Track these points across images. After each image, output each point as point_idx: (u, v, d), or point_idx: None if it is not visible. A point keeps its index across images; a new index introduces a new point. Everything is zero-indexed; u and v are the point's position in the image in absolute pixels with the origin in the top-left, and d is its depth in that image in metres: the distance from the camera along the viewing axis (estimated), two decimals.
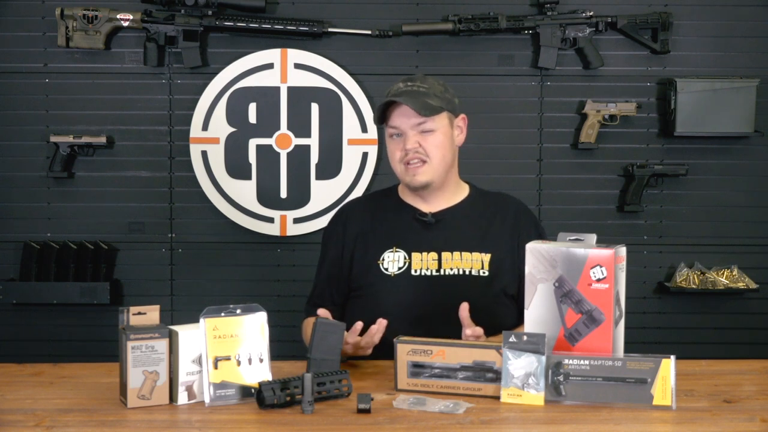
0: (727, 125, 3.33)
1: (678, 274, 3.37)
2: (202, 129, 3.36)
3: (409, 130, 2.10)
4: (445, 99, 2.12)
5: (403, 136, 2.11)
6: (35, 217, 3.39)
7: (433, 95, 2.10)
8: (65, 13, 3.25)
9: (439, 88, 2.13)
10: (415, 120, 2.08)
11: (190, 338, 1.64)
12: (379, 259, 2.13)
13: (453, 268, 2.11)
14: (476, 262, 2.11)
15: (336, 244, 2.21)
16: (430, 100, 2.08)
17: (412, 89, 2.10)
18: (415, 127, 2.09)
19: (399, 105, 2.09)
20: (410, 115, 2.08)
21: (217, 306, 1.67)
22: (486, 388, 1.67)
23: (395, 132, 2.12)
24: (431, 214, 2.16)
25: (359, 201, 2.37)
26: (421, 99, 2.08)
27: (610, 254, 1.65)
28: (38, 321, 3.38)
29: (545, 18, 3.31)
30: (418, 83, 2.11)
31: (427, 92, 2.09)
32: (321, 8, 3.35)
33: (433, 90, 2.11)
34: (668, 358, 1.59)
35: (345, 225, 2.22)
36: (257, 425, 1.55)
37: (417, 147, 2.09)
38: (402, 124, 2.10)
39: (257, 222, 3.39)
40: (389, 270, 2.12)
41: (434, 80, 2.15)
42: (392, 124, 2.12)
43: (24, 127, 3.37)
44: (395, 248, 2.13)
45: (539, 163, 3.42)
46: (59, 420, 1.55)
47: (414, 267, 2.11)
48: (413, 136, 2.10)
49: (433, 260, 2.11)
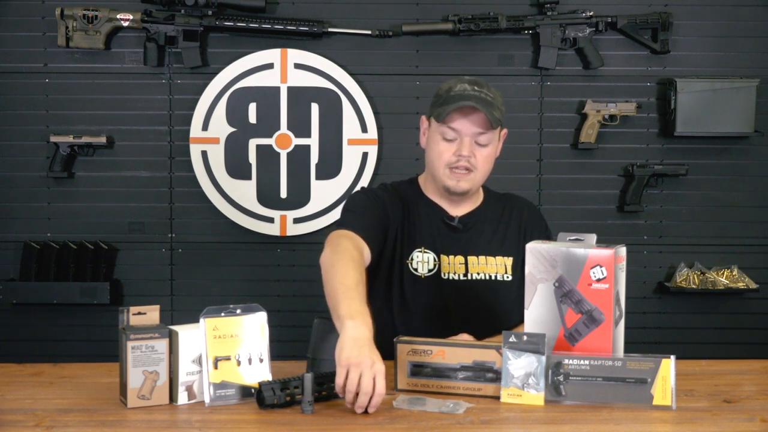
0: (727, 125, 3.33)
1: (678, 274, 3.37)
2: (202, 129, 3.36)
3: (468, 137, 2.00)
4: (502, 111, 2.05)
5: (459, 140, 2.01)
6: (35, 217, 3.39)
7: (497, 107, 2.02)
8: (65, 13, 3.25)
9: (500, 99, 2.05)
10: (479, 129, 2.00)
11: (190, 338, 1.64)
12: (408, 258, 2.06)
13: (480, 272, 2.07)
14: (500, 267, 2.09)
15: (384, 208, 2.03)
16: (495, 112, 2.00)
17: (480, 95, 1.99)
18: (475, 136, 2.01)
19: (470, 108, 1.98)
20: (476, 122, 1.99)
21: (217, 306, 1.67)
22: (486, 388, 1.67)
23: (452, 135, 2.02)
24: (458, 218, 2.10)
25: (388, 189, 2.14)
26: (491, 110, 1.99)
27: (610, 254, 1.65)
28: (38, 321, 3.38)
29: (545, 18, 3.31)
30: (485, 90, 2.01)
31: (493, 102, 2.01)
32: (321, 8, 3.35)
33: (497, 101, 2.03)
34: (668, 358, 1.59)
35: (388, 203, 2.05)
36: (257, 425, 1.55)
37: (470, 155, 2.01)
38: (464, 129, 1.99)
39: (257, 222, 3.39)
40: (419, 271, 2.06)
41: (496, 90, 2.06)
42: (453, 126, 2.00)
43: (24, 127, 3.37)
44: (424, 249, 2.07)
45: (539, 163, 3.42)
46: (59, 420, 1.55)
47: (443, 270, 2.06)
48: (469, 143, 2.01)
49: (460, 264, 2.07)
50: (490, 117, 1.97)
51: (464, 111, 1.99)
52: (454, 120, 2.00)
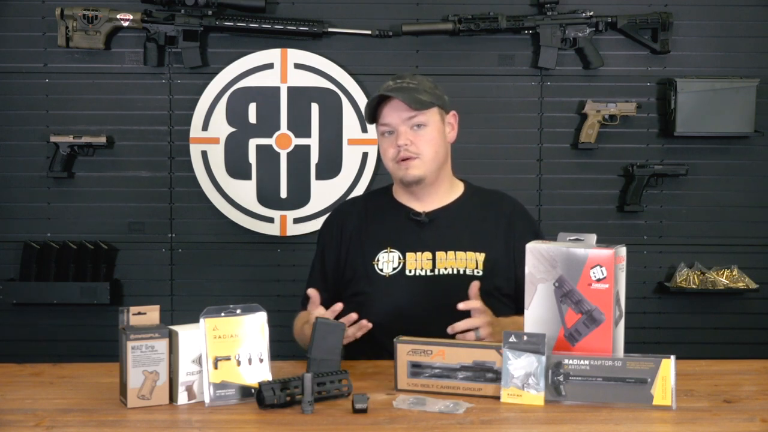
0: (727, 125, 3.33)
1: (678, 274, 3.37)
2: (202, 129, 3.36)
3: (401, 126, 2.10)
4: (435, 95, 2.13)
5: (395, 133, 2.11)
6: (35, 217, 3.39)
7: (423, 91, 2.11)
8: (65, 13, 3.25)
9: (429, 84, 2.14)
10: (407, 114, 2.09)
11: (190, 338, 1.64)
12: (373, 260, 2.12)
13: (447, 267, 2.10)
14: (470, 262, 2.11)
15: (334, 246, 2.20)
16: (420, 95, 2.09)
17: (402, 85, 2.11)
18: (407, 122, 2.09)
19: (389, 102, 2.09)
20: (401, 109, 2.09)
21: (217, 306, 1.67)
22: (486, 388, 1.67)
23: (387, 129, 2.12)
24: (425, 214, 2.16)
25: (353, 201, 2.36)
26: (411, 94, 2.08)
27: (610, 254, 1.65)
28: (38, 321, 3.38)
29: (545, 18, 3.31)
30: (407, 80, 2.13)
31: (416, 88, 2.10)
32: (321, 8, 3.35)
33: (422, 86, 2.12)
34: (668, 358, 1.59)
35: (342, 227, 2.21)
36: (257, 425, 1.55)
37: (409, 144, 2.09)
38: (393, 120, 2.10)
39: (257, 222, 3.39)
40: (384, 271, 2.11)
41: (423, 77, 2.16)
42: (384, 121, 2.12)
43: (24, 127, 3.37)
44: (390, 249, 2.12)
45: (539, 163, 3.42)
46: (59, 420, 1.55)
47: (408, 267, 2.10)
48: (405, 132, 2.10)
49: (427, 260, 2.10)
50: (409, 100, 2.06)
51: (389, 104, 2.10)
52: (383, 115, 2.12)
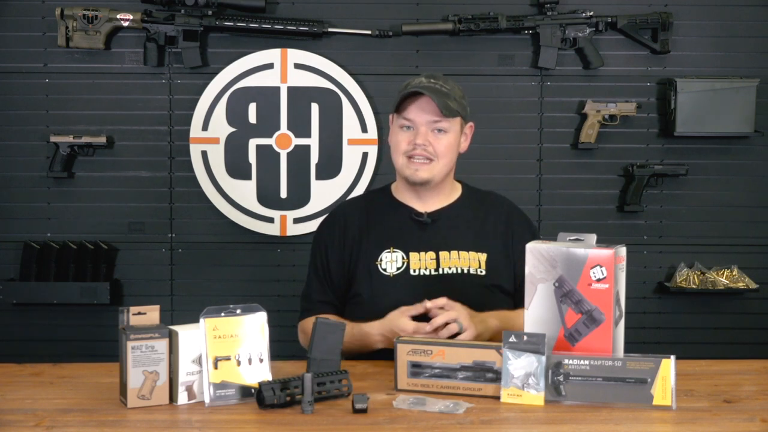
0: (727, 125, 3.33)
1: (678, 274, 3.37)
2: (202, 129, 3.36)
3: (423, 126, 2.08)
4: (462, 104, 2.12)
5: (415, 130, 2.09)
6: (35, 217, 3.39)
7: (453, 98, 2.09)
8: (65, 13, 3.25)
9: (459, 93, 2.13)
10: (432, 117, 2.08)
11: (190, 338, 1.64)
12: (376, 260, 2.12)
13: (451, 267, 2.10)
14: (473, 261, 2.11)
15: (336, 246, 2.18)
16: (450, 101, 2.07)
17: (435, 86, 2.08)
18: (430, 124, 2.08)
19: (418, 98, 2.07)
20: (429, 111, 2.07)
21: (217, 306, 1.67)
22: (486, 388, 1.67)
23: (407, 124, 2.10)
24: (427, 214, 2.16)
25: (353, 202, 2.33)
26: (443, 98, 2.06)
27: (610, 254, 1.65)
28: (38, 321, 3.38)
29: (545, 18, 3.31)
30: (441, 82, 2.10)
31: (448, 93, 2.09)
32: (321, 8, 3.35)
33: (454, 93, 2.10)
34: (668, 358, 1.59)
35: (343, 227, 2.19)
36: (257, 425, 1.55)
37: (427, 144, 2.08)
38: (417, 118, 2.09)
39: (257, 222, 3.39)
40: (388, 270, 2.11)
41: (455, 83, 2.14)
42: (408, 116, 2.09)
43: (24, 127, 3.37)
44: (392, 248, 2.12)
45: (539, 163, 3.42)
46: (59, 420, 1.55)
47: (412, 267, 2.10)
48: (425, 132, 2.08)
49: (431, 260, 2.11)
50: (441, 104, 2.04)
51: (417, 101, 2.07)
52: (408, 110, 2.09)
